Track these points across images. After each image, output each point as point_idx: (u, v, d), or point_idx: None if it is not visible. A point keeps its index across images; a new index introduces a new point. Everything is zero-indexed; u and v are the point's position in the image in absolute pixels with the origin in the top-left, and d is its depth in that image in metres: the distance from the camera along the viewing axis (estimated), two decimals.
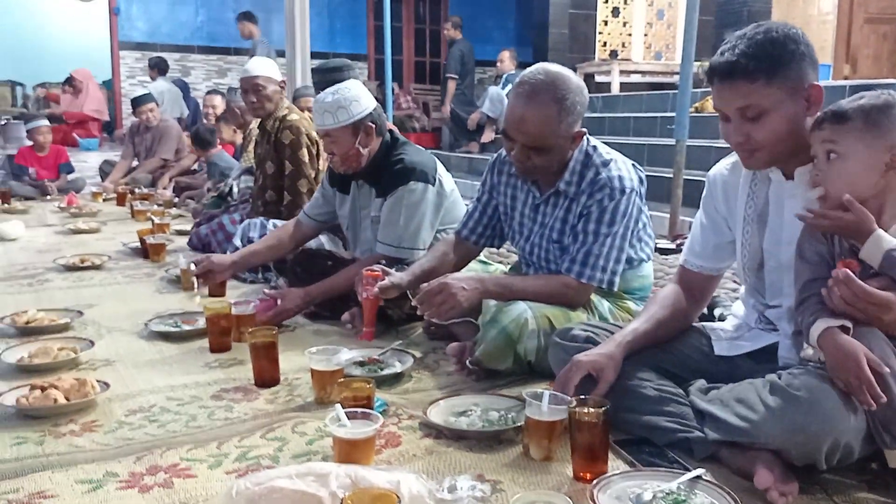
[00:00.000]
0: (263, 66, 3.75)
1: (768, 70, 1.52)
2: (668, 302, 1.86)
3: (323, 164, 3.74)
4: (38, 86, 10.41)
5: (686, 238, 4.14)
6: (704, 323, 1.97)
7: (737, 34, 1.59)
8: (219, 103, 6.53)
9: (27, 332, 2.55)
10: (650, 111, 6.86)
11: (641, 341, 1.78)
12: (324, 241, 3.19)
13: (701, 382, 1.73)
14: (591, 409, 1.54)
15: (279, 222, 3.45)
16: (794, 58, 1.54)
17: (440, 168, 2.76)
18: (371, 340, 2.37)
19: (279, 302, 2.63)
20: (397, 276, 2.26)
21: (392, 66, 7.34)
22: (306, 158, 3.65)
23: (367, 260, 2.63)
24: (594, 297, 2.20)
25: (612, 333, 1.82)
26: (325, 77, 3.76)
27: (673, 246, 4.04)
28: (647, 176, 2.28)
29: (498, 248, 2.65)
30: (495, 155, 2.41)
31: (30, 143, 6.82)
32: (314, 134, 3.76)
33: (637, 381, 1.72)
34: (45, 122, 6.95)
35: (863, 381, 1.34)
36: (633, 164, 2.20)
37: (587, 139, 2.18)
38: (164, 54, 9.50)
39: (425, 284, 2.08)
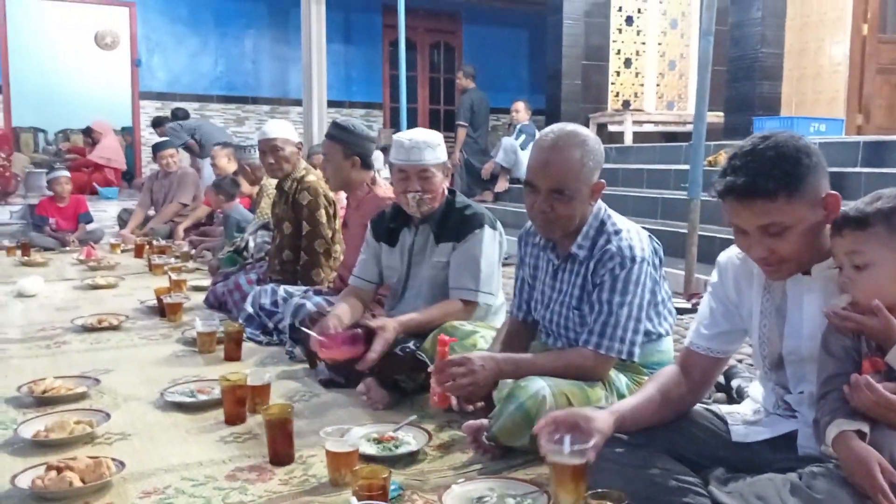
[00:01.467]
0: (281, 128, 3.82)
1: (787, 187, 1.51)
2: (666, 386, 1.82)
3: (339, 225, 3.78)
4: (59, 132, 10.62)
5: (701, 297, 4.13)
6: (721, 405, 1.95)
7: (743, 150, 1.57)
8: (223, 156, 6.46)
9: (44, 401, 2.56)
10: (664, 163, 6.88)
11: (632, 417, 1.74)
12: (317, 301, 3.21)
13: (720, 471, 1.71)
14: (610, 502, 1.52)
15: (291, 288, 3.49)
16: (810, 171, 1.54)
17: None
18: (445, 406, 2.23)
19: (378, 332, 2.49)
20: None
21: (407, 114, 7.44)
22: (324, 219, 3.70)
23: (446, 305, 2.66)
24: (611, 373, 2.19)
25: None
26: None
27: (689, 305, 4.01)
28: (660, 230, 2.28)
29: None
30: (522, 229, 2.43)
31: (50, 193, 6.93)
32: (331, 194, 3.81)
33: (657, 471, 1.70)
34: (65, 173, 7.07)
35: (877, 490, 1.32)
36: (648, 236, 2.20)
37: (604, 207, 2.20)
38: (183, 104, 9.67)
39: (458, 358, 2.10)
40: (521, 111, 8.28)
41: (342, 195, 4.13)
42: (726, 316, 1.83)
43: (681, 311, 3.93)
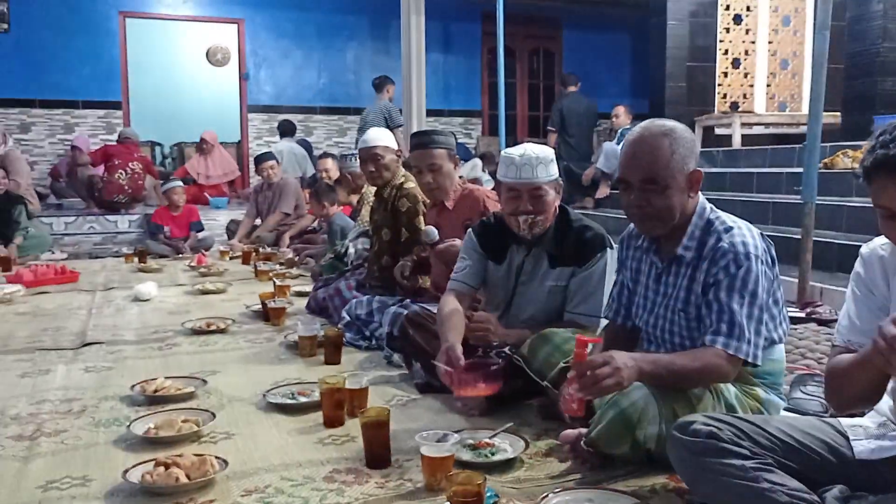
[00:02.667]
0: (381, 137, 3.86)
1: None
2: None
3: None
4: (174, 146, 11.15)
5: (818, 305, 3.90)
6: (842, 418, 1.82)
7: (893, 124, 1.46)
8: (331, 166, 6.78)
9: (155, 400, 2.67)
10: (775, 166, 6.58)
11: None
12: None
13: (839, 489, 1.59)
14: None
15: (385, 298, 3.52)
16: None
17: None
18: (583, 413, 2.00)
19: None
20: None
21: (506, 121, 7.40)
22: (422, 225, 3.71)
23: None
24: (719, 384, 2.08)
25: (742, 431, 1.69)
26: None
27: (802, 314, 3.80)
28: (772, 236, 2.15)
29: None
30: (625, 231, 2.34)
31: (165, 202, 7.28)
32: (429, 201, 3.82)
33: (768, 485, 1.60)
34: (180, 184, 7.41)
35: None
36: (760, 234, 2.06)
37: (709, 207, 2.08)
38: (288, 116, 9.98)
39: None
40: (621, 115, 8.12)
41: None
42: (881, 307, 1.66)
43: (794, 321, 3.73)
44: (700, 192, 2.08)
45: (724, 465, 1.62)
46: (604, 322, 2.49)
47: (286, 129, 9.46)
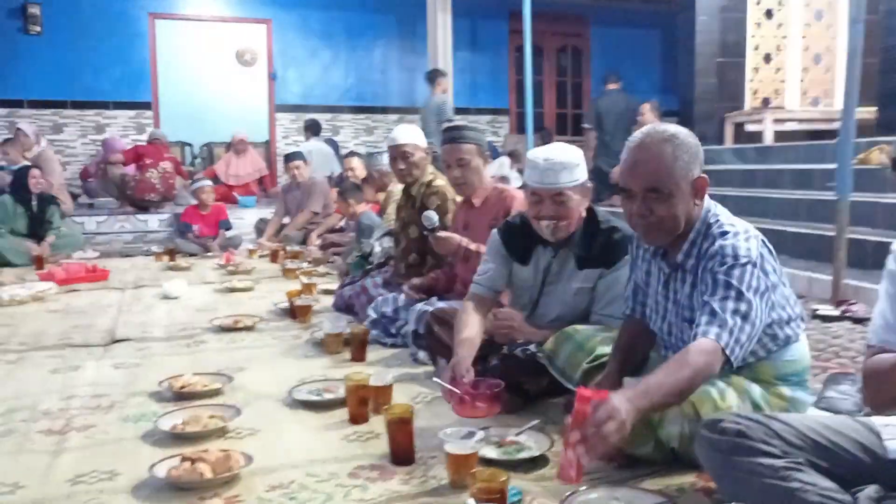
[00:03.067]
0: (410, 134, 3.84)
1: None
2: None
3: None
4: (204, 146, 11.26)
5: (852, 304, 3.83)
6: (874, 417, 1.77)
7: None
8: (357, 165, 6.80)
9: (182, 396, 2.69)
10: (808, 162, 6.47)
11: None
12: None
13: (873, 489, 1.55)
14: None
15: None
16: None
17: None
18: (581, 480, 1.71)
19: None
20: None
21: (533, 119, 7.37)
22: (451, 223, 3.69)
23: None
24: (744, 382, 2.03)
25: (771, 429, 1.65)
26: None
27: (837, 313, 3.73)
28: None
29: None
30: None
31: (195, 201, 7.35)
32: (459, 199, 3.80)
33: (798, 485, 1.56)
34: (209, 183, 7.48)
35: None
36: (761, 238, 1.97)
37: (712, 209, 2.01)
38: (315, 115, 10.03)
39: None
40: (646, 113, 8.04)
41: None
42: None
43: (828, 319, 3.67)
44: (707, 197, 2.00)
45: (753, 465, 1.59)
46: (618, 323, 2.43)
47: (313, 128, 9.50)
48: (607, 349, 2.24)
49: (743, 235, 1.93)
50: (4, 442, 2.32)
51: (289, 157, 7.23)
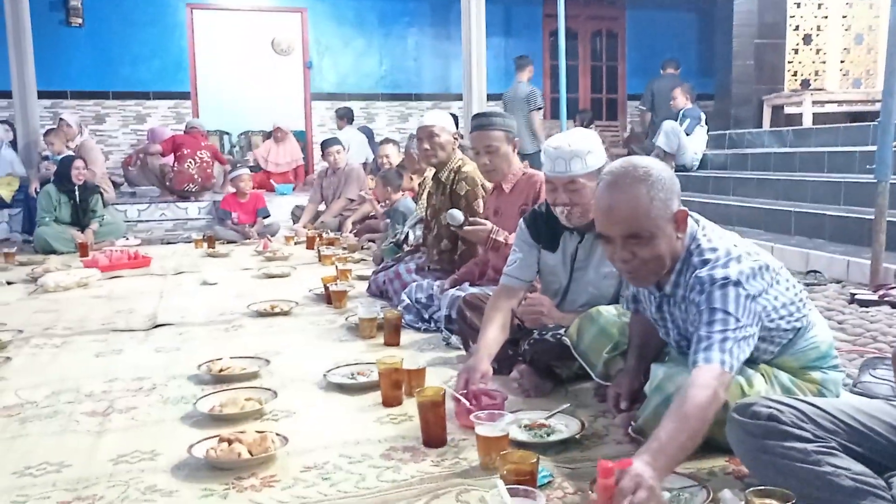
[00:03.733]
0: (439, 117, 3.89)
1: None
2: None
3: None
4: (241, 134, 11.39)
5: (891, 288, 3.76)
6: None
7: None
8: (391, 152, 6.83)
9: (221, 379, 2.76)
10: (847, 145, 6.34)
11: None
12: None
13: None
14: (777, 502, 1.41)
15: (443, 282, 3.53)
16: None
17: None
18: None
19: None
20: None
21: (567, 104, 7.31)
22: (481, 209, 3.71)
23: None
24: (771, 369, 2.00)
25: (804, 413, 1.63)
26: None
27: (875, 297, 3.67)
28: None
29: None
30: None
31: (233, 189, 7.46)
32: (488, 184, 3.81)
33: (831, 469, 1.56)
34: (247, 171, 7.57)
35: None
36: (746, 252, 1.88)
37: (694, 235, 1.93)
38: (350, 103, 10.09)
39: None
40: (678, 97, 7.97)
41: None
42: None
43: (866, 304, 3.61)
44: (690, 219, 1.93)
45: (785, 449, 1.59)
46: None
47: (346, 116, 9.55)
48: (626, 338, 2.27)
49: (723, 260, 1.85)
50: (50, 423, 2.41)
51: (327, 143, 7.29)
